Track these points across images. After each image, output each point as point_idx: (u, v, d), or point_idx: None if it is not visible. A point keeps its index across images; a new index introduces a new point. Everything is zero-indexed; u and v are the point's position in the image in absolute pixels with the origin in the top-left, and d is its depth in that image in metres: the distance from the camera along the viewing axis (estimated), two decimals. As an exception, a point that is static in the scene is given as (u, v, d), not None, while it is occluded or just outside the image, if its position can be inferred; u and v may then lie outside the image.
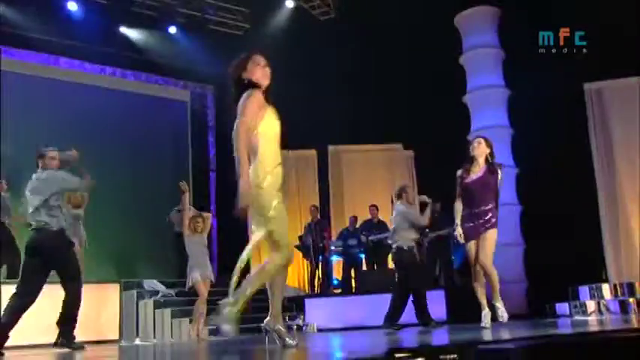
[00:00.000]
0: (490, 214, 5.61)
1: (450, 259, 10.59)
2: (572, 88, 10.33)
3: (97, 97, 11.57)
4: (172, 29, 12.34)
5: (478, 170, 5.69)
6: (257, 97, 3.68)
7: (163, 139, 12.36)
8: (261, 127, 3.65)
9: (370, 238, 10.88)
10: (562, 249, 9.62)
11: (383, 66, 11.80)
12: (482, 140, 5.78)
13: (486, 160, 5.71)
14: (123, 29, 12.01)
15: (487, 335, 3.96)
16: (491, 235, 5.59)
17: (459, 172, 5.78)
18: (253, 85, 3.73)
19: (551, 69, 10.10)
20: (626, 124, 10.11)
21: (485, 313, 5.65)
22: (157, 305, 9.02)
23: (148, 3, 11.92)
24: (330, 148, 13.40)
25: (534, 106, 10.52)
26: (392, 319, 7.42)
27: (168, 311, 8.89)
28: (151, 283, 9.55)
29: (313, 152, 13.50)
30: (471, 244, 5.67)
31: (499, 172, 5.67)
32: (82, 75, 11.73)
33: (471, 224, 5.65)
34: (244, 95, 3.66)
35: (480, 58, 11.67)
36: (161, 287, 9.56)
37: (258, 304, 4.90)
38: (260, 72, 3.81)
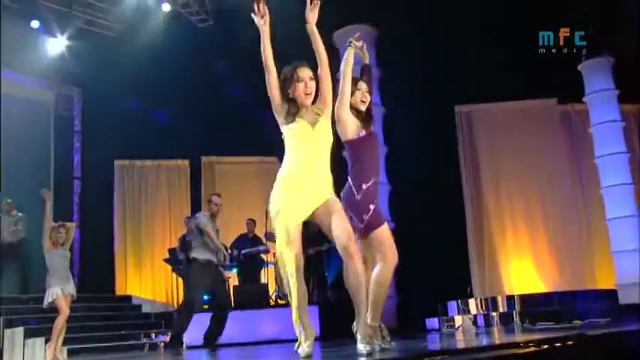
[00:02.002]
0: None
1: (324, 275, 10.60)
2: (443, 110, 10.76)
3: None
4: (35, 23, 11.43)
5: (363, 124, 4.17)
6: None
7: (22, 143, 11.32)
8: (290, 135, 3.75)
9: (243, 252, 10.67)
10: (431, 265, 9.91)
11: (260, 79, 11.64)
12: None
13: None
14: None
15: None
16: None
17: (345, 113, 4.05)
18: (300, 102, 3.77)
19: (424, 90, 10.49)
20: (492, 147, 10.73)
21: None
22: (7, 324, 8.23)
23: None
24: (204, 158, 13.12)
25: (408, 126, 10.82)
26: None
27: (20, 330, 8.14)
28: None
29: (186, 162, 13.16)
30: (385, 230, 4.10)
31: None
32: None
33: (374, 207, 4.03)
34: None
35: (357, 76, 11.84)
36: None
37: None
38: (302, 89, 3.77)
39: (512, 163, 10.68)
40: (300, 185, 3.63)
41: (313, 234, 8.25)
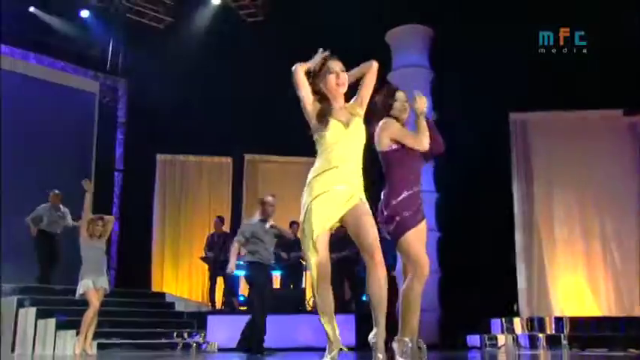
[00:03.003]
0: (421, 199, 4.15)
1: (362, 282, 10.42)
2: (497, 116, 10.45)
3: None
4: (85, 13, 11.67)
5: None
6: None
7: (65, 132, 11.58)
8: (321, 136, 3.68)
9: (294, 255, 10.62)
10: (477, 278, 9.71)
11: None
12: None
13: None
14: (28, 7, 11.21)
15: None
16: (425, 229, 4.18)
17: (392, 126, 4.11)
18: (332, 96, 3.72)
19: (479, 94, 10.22)
20: (548, 158, 10.33)
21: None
22: (40, 314, 8.38)
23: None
24: (247, 156, 13.12)
25: (459, 131, 10.51)
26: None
27: (52, 321, 8.28)
28: None
29: (229, 160, 13.19)
30: (410, 237, 4.00)
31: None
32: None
33: (410, 212, 4.03)
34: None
35: (409, 78, 11.59)
36: None
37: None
38: (333, 80, 3.72)
39: (569, 176, 10.26)
40: (329, 190, 3.59)
41: (339, 238, 8.11)
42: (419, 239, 4.08)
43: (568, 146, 10.33)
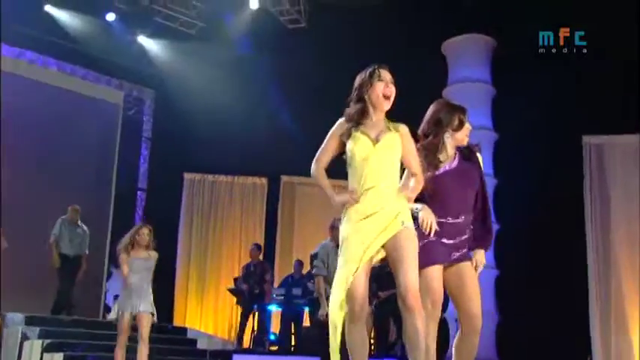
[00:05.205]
0: (468, 234, 3.82)
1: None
2: (568, 139, 10.17)
3: (8, 84, 10.69)
4: (110, 16, 11.65)
5: (450, 159, 3.87)
6: (339, 125, 3.74)
7: (84, 145, 11.47)
8: (349, 153, 3.63)
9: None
10: (542, 325, 9.35)
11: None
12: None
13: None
14: (49, 8, 11.20)
15: None
16: (472, 269, 3.83)
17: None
18: (373, 106, 3.65)
19: (547, 114, 9.97)
20: (627, 187, 9.97)
21: None
22: (47, 348, 8.17)
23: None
24: (284, 178, 12.87)
25: (523, 155, 10.34)
26: None
27: (60, 356, 8.05)
28: None
29: (263, 181, 12.97)
30: (433, 272, 3.67)
31: (478, 155, 3.97)
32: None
33: (442, 240, 3.72)
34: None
35: (467, 93, 11.31)
36: None
37: None
38: (380, 88, 3.63)
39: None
40: (369, 216, 3.46)
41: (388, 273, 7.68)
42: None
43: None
